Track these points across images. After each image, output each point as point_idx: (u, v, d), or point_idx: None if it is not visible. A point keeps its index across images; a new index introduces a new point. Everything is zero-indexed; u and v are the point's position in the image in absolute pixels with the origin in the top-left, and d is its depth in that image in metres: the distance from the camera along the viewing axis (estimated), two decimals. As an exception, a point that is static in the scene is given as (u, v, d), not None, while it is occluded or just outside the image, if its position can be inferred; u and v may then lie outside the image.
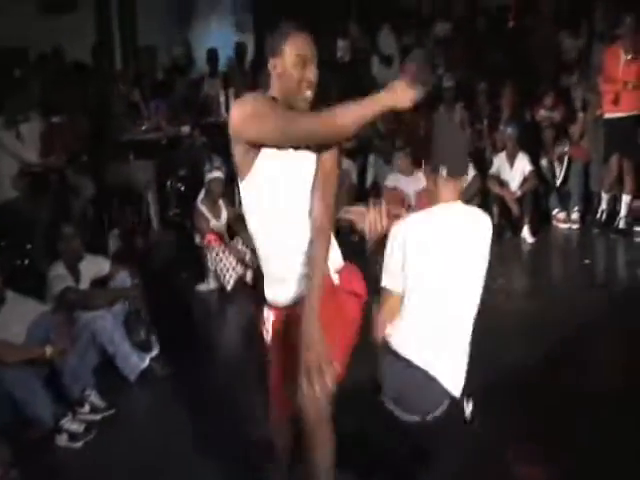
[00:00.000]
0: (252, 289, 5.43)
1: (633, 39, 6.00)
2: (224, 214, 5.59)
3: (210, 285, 5.47)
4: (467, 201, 6.38)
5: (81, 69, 7.06)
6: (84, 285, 4.25)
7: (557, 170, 6.57)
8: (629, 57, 6.00)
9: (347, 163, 6.80)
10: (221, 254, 5.37)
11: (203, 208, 5.52)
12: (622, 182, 6.28)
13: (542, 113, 6.96)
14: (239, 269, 5.39)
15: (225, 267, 5.36)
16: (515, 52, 8.08)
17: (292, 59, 2.20)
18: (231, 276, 5.36)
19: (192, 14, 9.79)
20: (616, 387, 3.67)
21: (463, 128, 7.09)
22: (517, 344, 4.18)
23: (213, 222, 5.52)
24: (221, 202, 5.62)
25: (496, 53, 8.06)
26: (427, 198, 2.49)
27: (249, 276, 5.43)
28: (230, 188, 5.79)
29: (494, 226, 6.35)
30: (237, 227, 5.59)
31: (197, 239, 5.45)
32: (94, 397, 3.72)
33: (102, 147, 6.17)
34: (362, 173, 6.89)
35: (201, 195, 5.59)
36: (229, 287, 5.37)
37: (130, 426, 3.68)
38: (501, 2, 9.75)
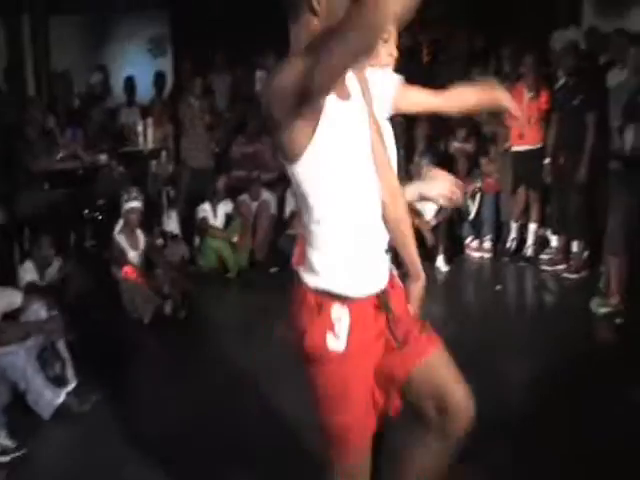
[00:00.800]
0: (171, 320, 5.39)
1: (534, 78, 6.34)
2: (142, 244, 5.53)
3: (128, 317, 5.37)
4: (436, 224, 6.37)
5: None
6: (-6, 319, 4.11)
7: (470, 203, 6.82)
8: (531, 95, 6.33)
9: (266, 194, 6.87)
10: (138, 286, 5.30)
11: (120, 239, 5.45)
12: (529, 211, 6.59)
13: (455, 145, 7.23)
14: (157, 300, 5.33)
15: (142, 299, 5.29)
16: (429, 87, 8.34)
17: None
18: (148, 308, 5.29)
19: (109, 41, 9.68)
20: (530, 409, 3.83)
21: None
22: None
23: (131, 253, 5.45)
24: (139, 232, 5.56)
25: (412, 84, 8.30)
26: None
27: (168, 307, 5.38)
28: (147, 218, 5.75)
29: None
30: (155, 257, 5.55)
31: (114, 270, 5.37)
32: (3, 438, 3.58)
33: (14, 175, 6.00)
34: (281, 204, 6.97)
35: (118, 226, 5.51)
36: (147, 319, 5.29)
37: (42, 467, 3.56)
38: (416, 39, 10.13)
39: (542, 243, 6.52)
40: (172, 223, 6.24)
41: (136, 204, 5.51)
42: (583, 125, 5.88)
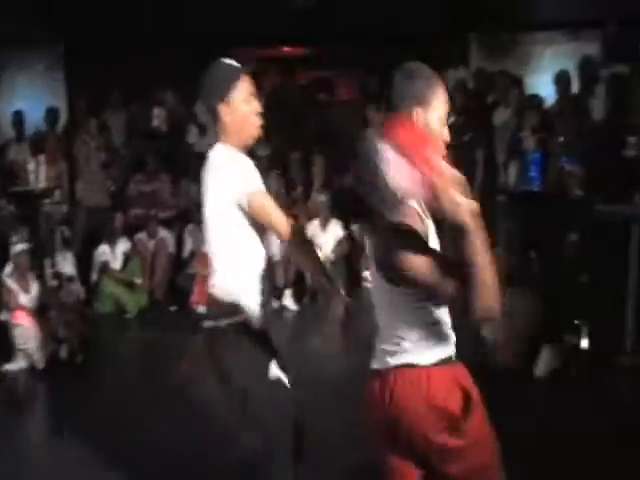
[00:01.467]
0: (67, 365, 5.19)
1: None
2: (34, 288, 5.34)
3: (20, 364, 5.14)
4: (284, 266, 6.59)
5: None
6: None
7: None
8: (424, 133, 6.61)
9: (164, 232, 6.80)
10: (31, 330, 5.10)
11: (10, 282, 5.24)
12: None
13: (351, 180, 7.39)
14: (51, 345, 5.14)
15: (35, 344, 5.09)
16: (326, 122, 8.56)
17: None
18: (43, 353, 5.09)
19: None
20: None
21: (278, 195, 7.37)
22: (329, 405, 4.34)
23: (22, 297, 5.24)
24: (30, 275, 5.36)
25: (307, 123, 8.49)
26: None
27: (63, 352, 5.19)
28: (40, 259, 5.57)
29: (308, 289, 6.60)
30: (49, 300, 5.36)
31: (4, 315, 5.15)
32: None
33: None
34: (179, 242, 6.90)
35: (7, 268, 5.30)
36: (41, 365, 5.09)
37: None
38: (313, 74, 10.37)
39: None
40: (67, 264, 6.06)
41: (25, 246, 5.33)
42: (473, 160, 6.16)
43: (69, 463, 3.79)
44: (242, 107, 2.61)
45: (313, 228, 6.77)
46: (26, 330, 5.09)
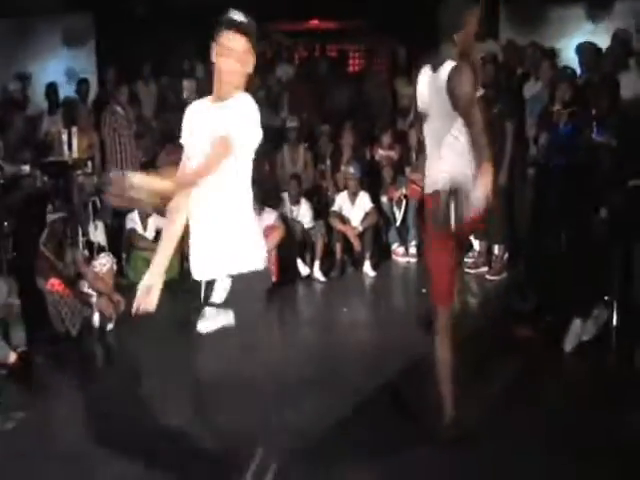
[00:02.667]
0: (100, 332, 5.32)
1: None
2: (69, 257, 5.44)
3: (53, 330, 5.26)
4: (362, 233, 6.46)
5: None
6: None
7: (396, 210, 6.99)
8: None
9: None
10: (65, 298, 5.21)
11: (45, 251, 5.35)
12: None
13: (381, 153, 7.39)
14: (84, 312, 5.25)
15: (69, 311, 5.20)
16: (355, 95, 8.54)
17: None
18: (76, 320, 5.20)
19: (28, 47, 9.42)
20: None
21: (307, 168, 7.41)
22: (358, 373, 4.41)
23: (56, 265, 5.35)
24: (64, 244, 5.46)
25: (337, 96, 8.48)
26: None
27: (96, 319, 5.31)
28: (73, 229, 5.66)
29: (337, 262, 6.65)
30: (82, 269, 5.46)
31: (39, 283, 5.26)
32: None
33: None
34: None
35: (43, 237, 5.41)
36: (74, 332, 5.21)
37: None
38: (341, 47, 10.32)
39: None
40: (99, 234, 6.15)
41: (61, 215, 5.43)
42: (502, 133, 6.10)
43: (97, 424, 3.90)
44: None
45: (342, 200, 6.79)
46: (60, 298, 5.20)
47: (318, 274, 6.48)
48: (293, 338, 4.95)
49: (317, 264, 6.50)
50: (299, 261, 6.46)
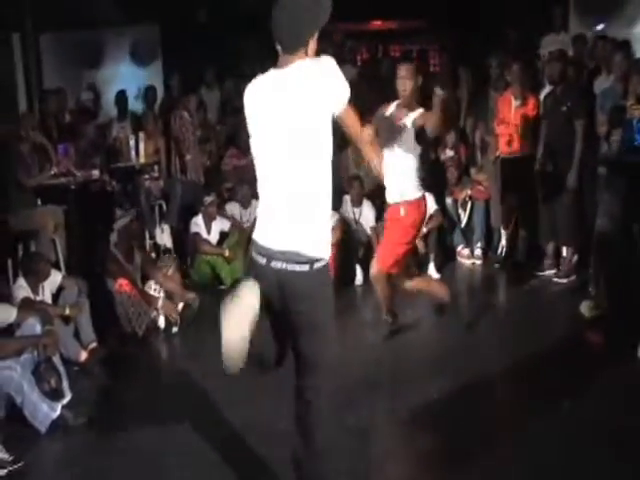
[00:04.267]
0: (166, 333, 5.41)
1: (520, 86, 6.40)
2: (137, 259, 5.56)
3: (122, 330, 5.38)
4: (374, 239, 6.67)
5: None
6: (-11, 335, 4.15)
7: (461, 212, 6.87)
8: (518, 103, 6.39)
9: (257, 203, 6.85)
10: (132, 299, 5.32)
11: (116, 252, 5.47)
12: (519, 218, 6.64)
13: (446, 153, 7.29)
14: (151, 314, 5.35)
15: (136, 312, 5.30)
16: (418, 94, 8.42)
17: None
18: (142, 321, 5.31)
19: (98, 57, 9.71)
20: (518, 412, 3.87)
21: (370, 170, 7.33)
22: (422, 375, 4.36)
23: (126, 267, 5.47)
24: (133, 247, 5.58)
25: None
26: None
27: (162, 321, 5.39)
28: (140, 234, 5.78)
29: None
30: (150, 271, 5.56)
31: (108, 284, 5.40)
32: (0, 451, 3.61)
33: (7, 190, 6.02)
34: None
35: (113, 239, 5.54)
36: (140, 332, 5.31)
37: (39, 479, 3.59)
38: (404, 47, 10.25)
39: (532, 249, 6.56)
40: (165, 237, 6.27)
41: (131, 218, 5.56)
42: (572, 131, 5.93)
43: (165, 423, 3.96)
44: None
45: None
46: (128, 298, 5.31)
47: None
48: (353, 340, 4.90)
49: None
50: (357, 266, 6.39)
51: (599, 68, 6.80)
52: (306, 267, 2.53)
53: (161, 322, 5.41)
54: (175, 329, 5.42)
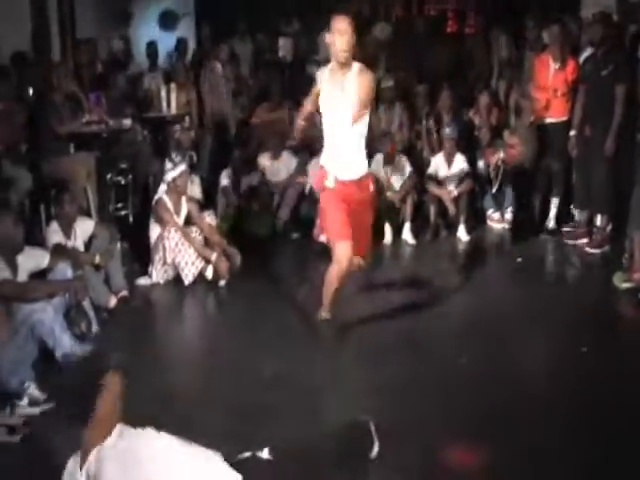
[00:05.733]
0: (210, 285, 5.35)
1: (560, 48, 6.24)
2: (184, 211, 5.57)
3: (153, 279, 5.42)
4: (402, 197, 6.66)
5: (18, 58, 6.89)
6: (22, 278, 4.19)
7: (493, 175, 6.78)
8: (557, 66, 6.25)
9: (288, 156, 6.85)
10: (181, 245, 5.33)
11: (167, 200, 5.48)
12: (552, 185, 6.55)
13: (479, 115, 7.17)
14: (199, 263, 5.32)
15: (185, 260, 5.32)
16: (452, 55, 8.30)
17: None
18: (190, 270, 5.32)
19: (131, 7, 9.65)
20: (552, 379, 3.86)
21: (402, 128, 7.27)
22: (451, 339, 4.34)
23: (174, 217, 5.48)
24: (183, 198, 5.58)
25: (435, 56, 8.26)
26: None
27: (210, 272, 5.36)
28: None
29: (431, 225, 6.56)
30: (197, 222, 5.55)
31: (155, 231, 5.41)
32: (33, 390, 3.67)
33: (40, 138, 6.04)
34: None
35: (163, 188, 5.55)
36: (187, 281, 5.32)
37: (70, 419, 3.65)
38: (440, 6, 10.04)
39: (564, 216, 6.48)
40: (195, 188, 6.25)
41: (183, 168, 5.52)
42: (611, 97, 5.78)
43: (200, 367, 4.00)
44: None
45: (437, 162, 6.63)
46: (177, 245, 5.31)
47: (408, 236, 6.36)
48: (378, 300, 4.88)
49: (407, 225, 6.38)
50: (386, 225, 6.36)
51: (643, 32, 6.61)
52: None
53: (209, 273, 5.34)
54: (222, 283, 5.36)
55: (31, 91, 6.42)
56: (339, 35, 3.82)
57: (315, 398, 3.58)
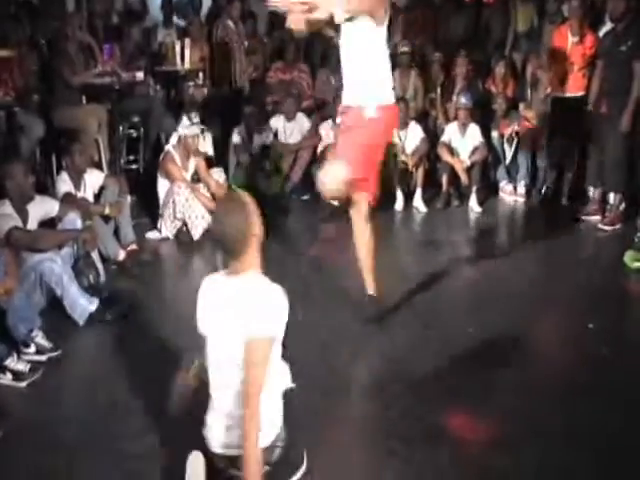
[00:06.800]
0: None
1: (579, 22, 6.14)
2: (192, 166, 5.53)
3: (162, 233, 5.41)
4: (415, 163, 6.56)
5: (25, 7, 6.80)
6: (32, 226, 4.20)
7: (507, 147, 6.71)
8: (575, 40, 6.15)
9: (302, 117, 6.79)
10: (191, 201, 5.31)
11: (175, 154, 5.44)
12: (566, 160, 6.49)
13: (495, 86, 7.09)
14: (208, 219, 5.26)
15: (194, 215, 5.30)
16: (470, 24, 8.16)
17: None
18: (200, 224, 5.31)
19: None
20: (556, 353, 3.86)
21: (417, 95, 7.20)
22: (460, 310, 4.34)
23: (183, 172, 5.45)
24: (191, 156, 5.55)
25: (452, 23, 8.13)
26: None
27: None
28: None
29: (443, 193, 6.50)
30: (204, 178, 5.51)
31: (163, 185, 5.38)
32: (40, 338, 3.70)
33: (53, 87, 5.98)
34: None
35: (173, 142, 5.52)
36: (196, 236, 5.32)
37: (76, 367, 3.68)
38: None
39: (578, 192, 6.42)
40: (207, 145, 6.20)
41: (196, 130, 5.49)
42: (629, 73, 5.68)
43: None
44: None
45: (451, 131, 6.56)
46: (187, 199, 5.30)
47: (419, 203, 6.33)
48: (388, 267, 4.85)
49: (419, 192, 6.35)
50: (398, 191, 6.33)
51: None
52: None
53: None
54: None
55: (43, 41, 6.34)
56: None
57: (323, 357, 3.58)
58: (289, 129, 6.70)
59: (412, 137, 6.42)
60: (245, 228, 2.38)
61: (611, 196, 5.94)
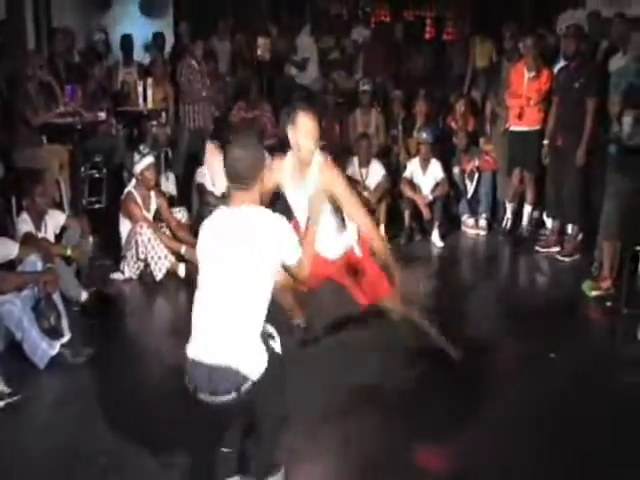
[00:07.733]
0: (183, 282, 5.28)
1: (534, 58, 6.34)
2: (153, 205, 5.52)
3: (125, 274, 5.38)
4: (378, 199, 6.61)
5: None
6: (-10, 268, 4.13)
7: (468, 182, 6.84)
8: (531, 75, 6.34)
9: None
10: (153, 241, 5.28)
11: (136, 195, 5.42)
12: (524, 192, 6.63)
13: (455, 122, 7.24)
14: (171, 259, 5.30)
15: (157, 255, 5.28)
16: (430, 61, 8.37)
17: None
18: (163, 264, 5.28)
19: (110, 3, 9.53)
20: (518, 383, 3.90)
21: (378, 132, 7.32)
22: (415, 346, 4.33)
23: (144, 212, 5.44)
24: (152, 193, 5.53)
25: (412, 61, 8.33)
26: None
27: (181, 269, 5.33)
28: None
29: (405, 229, 6.55)
30: (165, 217, 5.53)
31: (125, 225, 5.35)
32: (-1, 382, 3.62)
33: (13, 128, 5.95)
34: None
35: (132, 183, 5.50)
36: (159, 277, 5.29)
37: (36, 414, 3.60)
38: (418, 12, 10.13)
39: (537, 224, 6.56)
40: (170, 185, 6.21)
41: (150, 160, 5.46)
42: (583, 109, 5.87)
43: (166, 362, 3.96)
44: None
45: (413, 167, 6.66)
46: (149, 240, 5.26)
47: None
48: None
49: (381, 228, 6.40)
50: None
51: (614, 47, 6.72)
52: None
53: (181, 271, 5.31)
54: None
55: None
56: (304, 136, 3.30)
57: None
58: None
59: (374, 174, 6.50)
60: (259, 160, 2.65)
61: (569, 227, 6.09)
